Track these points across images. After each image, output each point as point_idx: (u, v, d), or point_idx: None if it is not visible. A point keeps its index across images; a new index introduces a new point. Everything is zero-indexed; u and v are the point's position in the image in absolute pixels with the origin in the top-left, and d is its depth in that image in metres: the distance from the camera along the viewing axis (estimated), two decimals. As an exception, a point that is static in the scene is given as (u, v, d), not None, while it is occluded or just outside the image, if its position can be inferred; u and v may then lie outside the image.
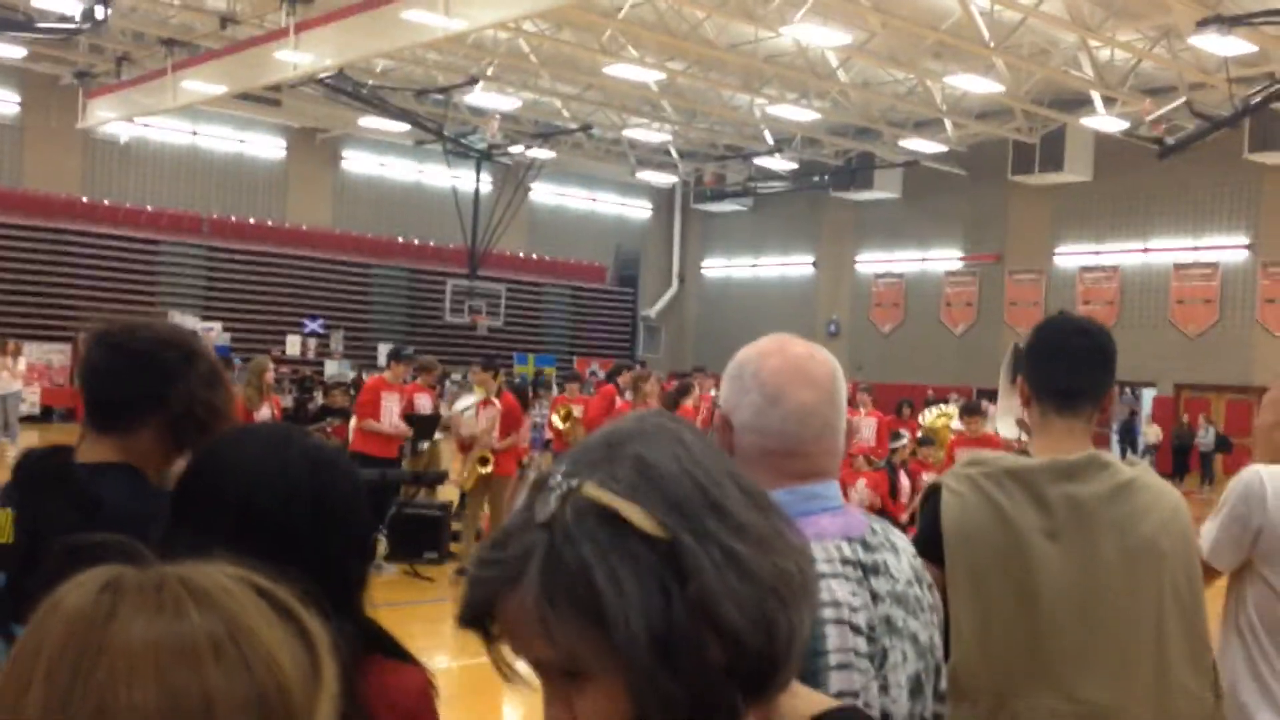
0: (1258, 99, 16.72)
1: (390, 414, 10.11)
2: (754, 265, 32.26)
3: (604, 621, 0.82)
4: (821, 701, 1.06)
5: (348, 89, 21.94)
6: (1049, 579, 2.17)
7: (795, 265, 31.31)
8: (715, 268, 33.44)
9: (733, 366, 1.60)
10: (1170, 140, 18.90)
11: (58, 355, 23.01)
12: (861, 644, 1.45)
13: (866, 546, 1.52)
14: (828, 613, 1.43)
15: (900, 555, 1.56)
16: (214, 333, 24.73)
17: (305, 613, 0.75)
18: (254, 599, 0.72)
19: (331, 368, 24.64)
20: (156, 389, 1.95)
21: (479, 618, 0.87)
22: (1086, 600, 2.17)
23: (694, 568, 0.84)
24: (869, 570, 1.50)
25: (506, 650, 0.88)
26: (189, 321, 24.46)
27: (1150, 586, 2.21)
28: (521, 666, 0.90)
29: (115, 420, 1.98)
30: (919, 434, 11.10)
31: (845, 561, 1.48)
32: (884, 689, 1.46)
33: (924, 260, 28.34)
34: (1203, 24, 15.33)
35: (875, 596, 1.49)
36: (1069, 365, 2.32)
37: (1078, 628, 2.17)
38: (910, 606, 1.52)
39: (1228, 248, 23.33)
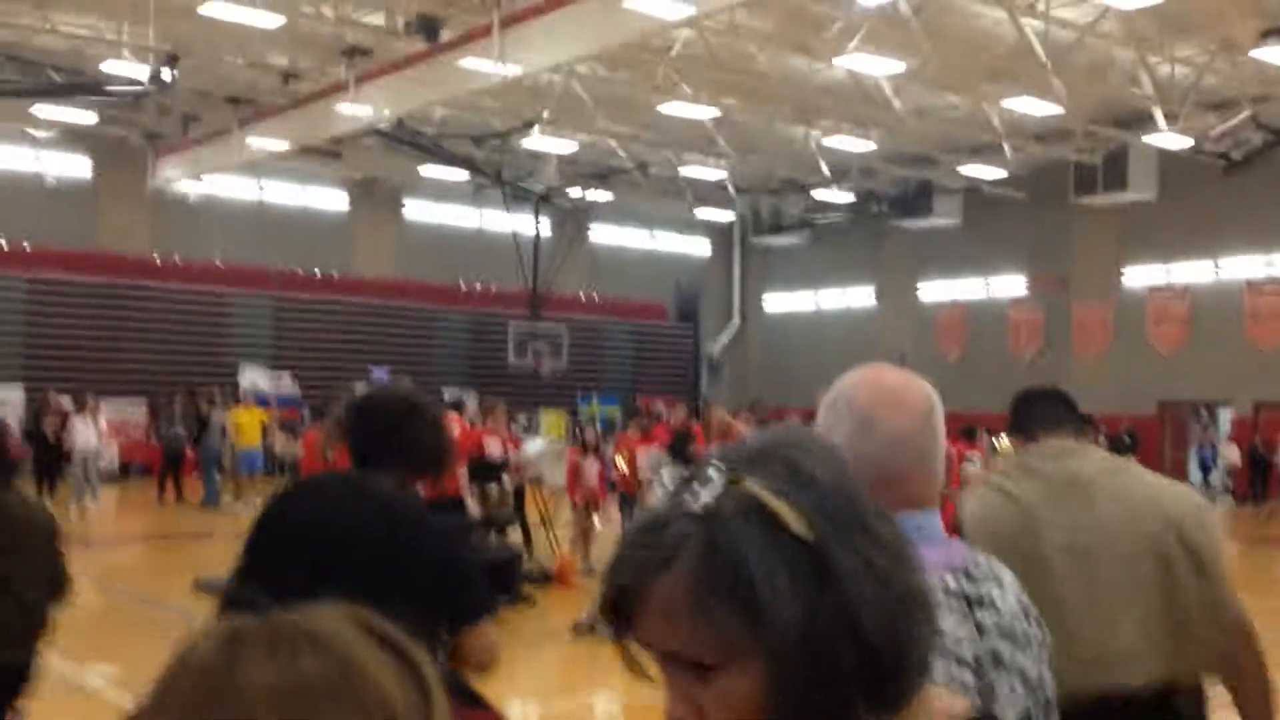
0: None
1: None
2: (815, 298, 32.12)
3: (754, 614, 0.85)
4: (962, 706, 1.09)
5: (407, 139, 22.33)
6: (1052, 538, 2.56)
7: (857, 296, 31.12)
8: (776, 302, 33.34)
9: (829, 396, 1.62)
10: (1236, 155, 18.55)
11: (135, 411, 23.48)
12: (968, 677, 1.44)
13: (970, 578, 1.51)
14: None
15: (1006, 589, 1.54)
16: (284, 382, 25.15)
17: (416, 652, 0.77)
18: (365, 640, 0.75)
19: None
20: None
21: (623, 601, 0.89)
22: (1087, 552, 2.54)
23: (838, 573, 0.87)
24: (974, 603, 1.49)
25: (635, 646, 0.91)
26: (259, 373, 24.92)
27: (1152, 538, 2.58)
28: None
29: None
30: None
31: (949, 593, 1.47)
32: None
33: (988, 287, 28.03)
34: (1266, 35, 15.07)
35: (981, 629, 1.48)
36: (1034, 402, 2.97)
37: (1079, 577, 2.46)
38: (1019, 641, 1.50)
39: (1302, 262, 22.82)
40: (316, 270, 27.16)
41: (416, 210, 29.10)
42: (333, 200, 28.04)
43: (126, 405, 23.23)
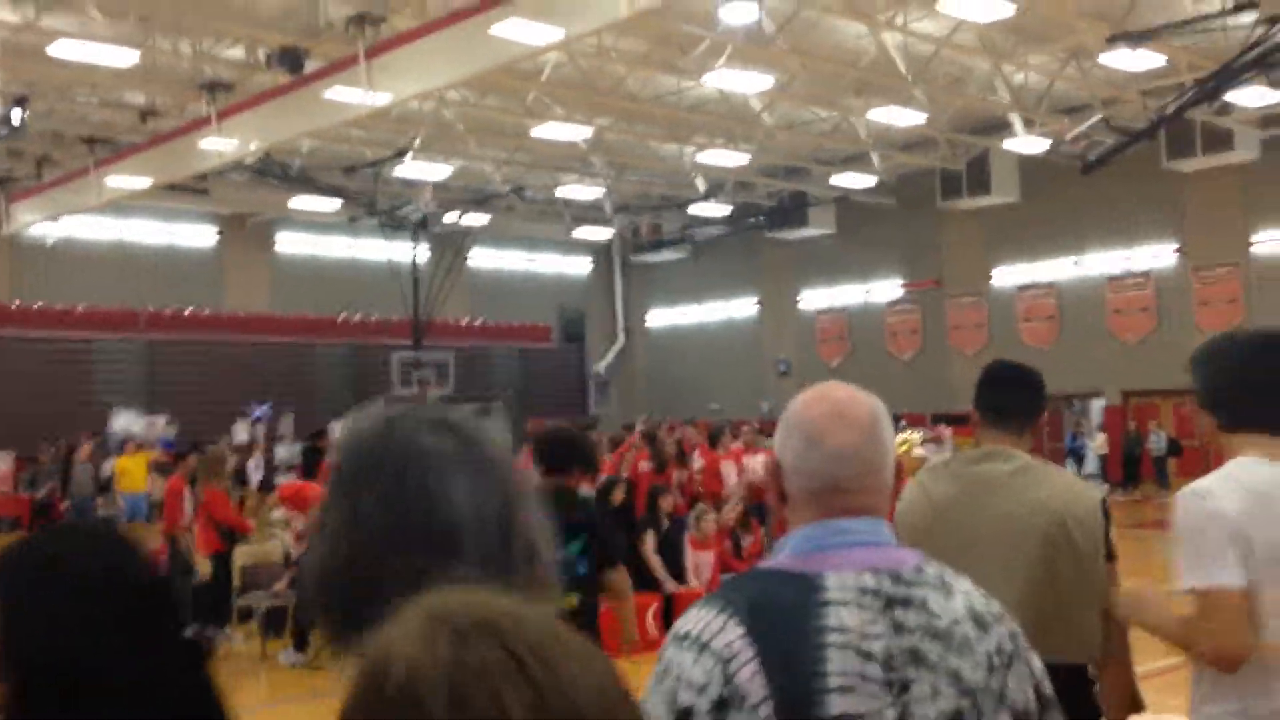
0: (1171, 109, 17.10)
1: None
2: (698, 312, 32.36)
3: None
4: None
5: (275, 171, 21.86)
6: (952, 532, 2.86)
7: (739, 308, 31.45)
8: (660, 318, 33.51)
9: (783, 414, 1.73)
10: (1091, 157, 19.27)
11: (1, 466, 22.44)
12: (873, 670, 1.51)
13: (899, 580, 1.58)
14: (832, 637, 1.51)
15: (953, 596, 1.60)
16: (159, 425, 24.31)
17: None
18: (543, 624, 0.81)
19: (282, 451, 24.27)
20: None
21: None
22: (975, 544, 2.79)
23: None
24: (896, 602, 1.56)
25: None
26: (132, 416, 24.05)
27: (1038, 531, 2.86)
28: None
29: None
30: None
31: (864, 591, 1.55)
32: (903, 718, 1.51)
33: (865, 292, 28.59)
34: (1112, 41, 15.68)
35: (900, 627, 1.54)
36: (998, 388, 3.22)
37: (965, 566, 2.47)
38: (954, 644, 1.56)
39: (1158, 255, 23.77)
40: (187, 309, 26.36)
41: (289, 243, 28.48)
42: (200, 237, 27.28)
43: (-9, 460, 22.21)
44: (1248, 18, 14.55)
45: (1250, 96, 17.92)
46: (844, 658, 1.50)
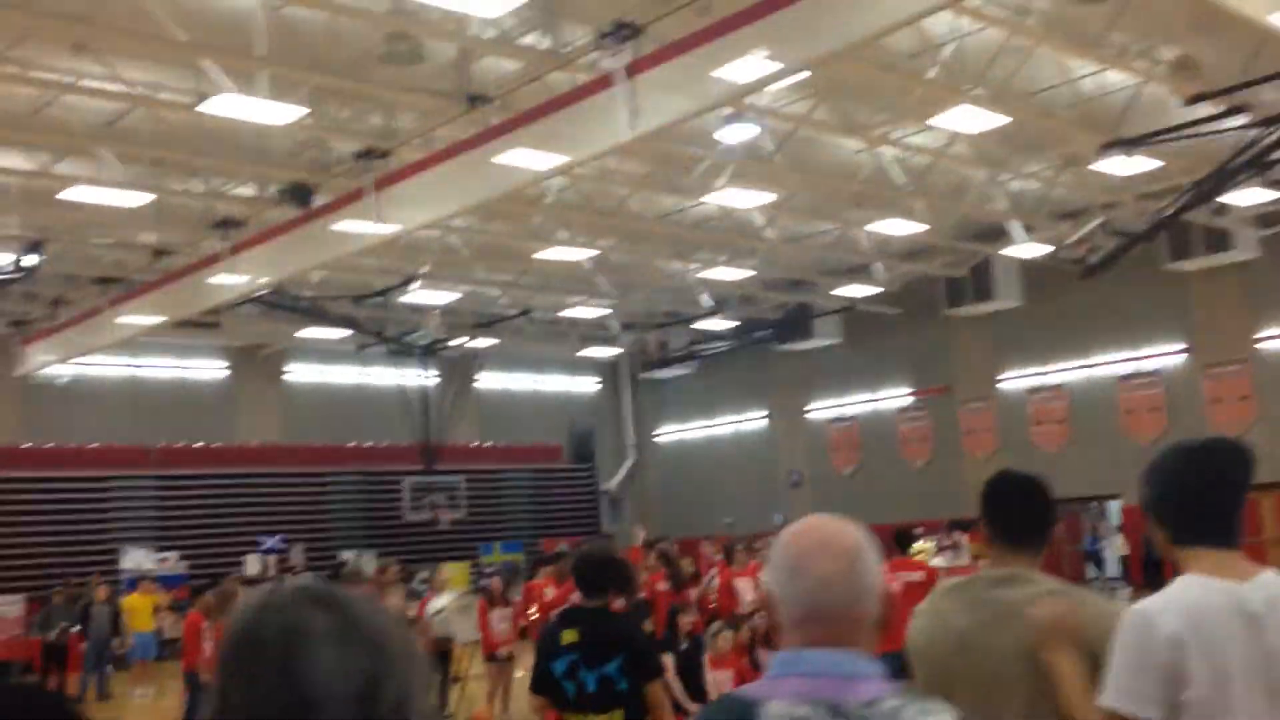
0: (1168, 212, 17.30)
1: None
2: (708, 426, 32.32)
3: None
4: None
5: (286, 304, 22.10)
6: (966, 657, 2.81)
7: (749, 421, 31.41)
8: (670, 433, 33.46)
9: (774, 545, 1.84)
10: (1093, 260, 19.44)
11: (11, 609, 22.20)
12: None
13: (837, 712, 1.62)
14: None
15: None
16: (169, 562, 24.16)
17: None
18: None
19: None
20: None
21: None
22: (996, 671, 2.77)
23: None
24: None
25: None
26: (143, 554, 23.93)
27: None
28: None
29: None
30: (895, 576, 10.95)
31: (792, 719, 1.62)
32: None
33: (875, 400, 28.58)
34: (1105, 149, 15.95)
35: None
36: (1007, 507, 3.08)
37: (984, 692, 2.71)
38: None
39: (1167, 354, 23.78)
40: (199, 443, 26.39)
41: (300, 373, 28.65)
42: (212, 370, 27.48)
43: (4, 603, 21.97)
44: (1238, 121, 14.82)
45: (1247, 197, 18.14)
46: None
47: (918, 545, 13.62)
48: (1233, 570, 2.52)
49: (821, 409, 29.76)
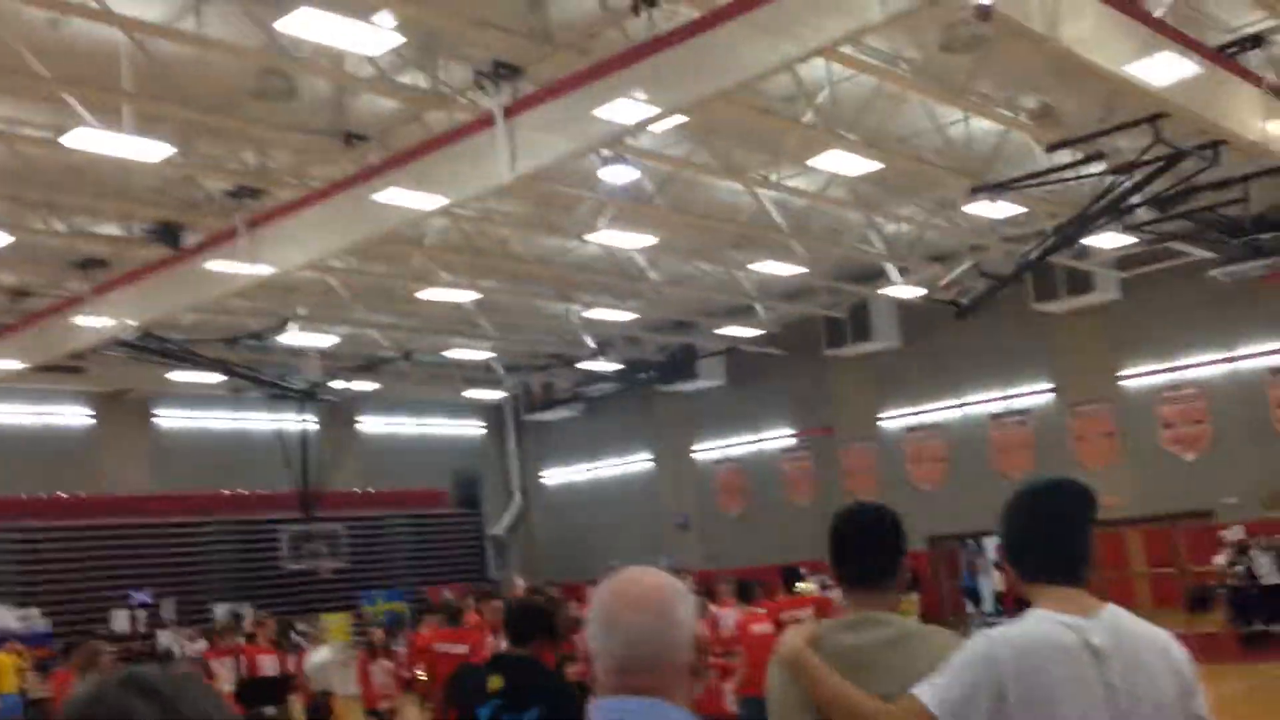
0: (1033, 255, 17.89)
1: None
2: (593, 469, 32.20)
3: None
4: None
5: (154, 347, 21.38)
6: (808, 711, 2.65)
7: (634, 463, 31.39)
8: (555, 476, 33.24)
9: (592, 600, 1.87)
10: (964, 301, 19.97)
11: None
12: None
13: None
14: None
15: None
16: (30, 619, 23.00)
17: None
18: None
19: (164, 639, 23.11)
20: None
21: None
22: None
23: None
24: None
25: None
26: (4, 611, 22.73)
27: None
28: None
29: None
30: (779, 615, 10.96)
31: None
32: None
33: (759, 441, 28.82)
34: (974, 193, 16.45)
35: None
36: (853, 547, 2.94)
37: None
38: None
39: (1035, 393, 24.51)
40: (61, 493, 25.28)
41: (170, 419, 27.72)
42: (75, 416, 26.42)
43: None
44: (1097, 167, 15.43)
45: (1107, 240, 18.87)
46: None
47: (802, 585, 13.72)
48: (1077, 606, 2.56)
49: (707, 450, 29.91)
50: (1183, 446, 22.35)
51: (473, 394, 29.96)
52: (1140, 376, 22.97)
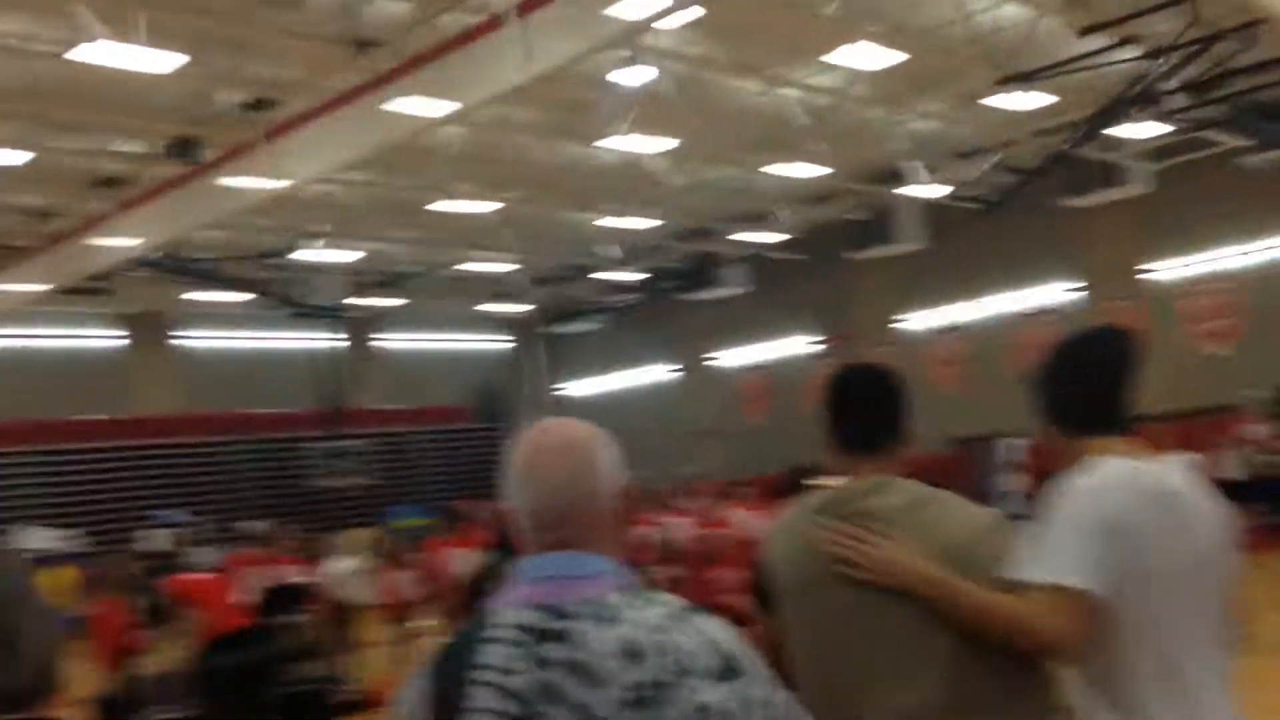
0: (1062, 148, 17.52)
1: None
2: (618, 380, 32.24)
3: None
4: None
5: (180, 267, 21.40)
6: (830, 581, 2.37)
7: (659, 373, 31.39)
8: (580, 388, 33.31)
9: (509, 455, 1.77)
10: (993, 198, 19.65)
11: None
12: (512, 707, 1.54)
13: (560, 614, 1.59)
14: (477, 674, 1.58)
15: (611, 625, 1.57)
16: (65, 540, 23.37)
17: None
18: None
19: (197, 555, 23.43)
20: None
21: None
22: (877, 610, 2.32)
23: None
24: (549, 636, 1.58)
25: None
26: (38, 533, 23.08)
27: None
28: None
29: None
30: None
31: (519, 628, 1.59)
32: None
33: (783, 348, 28.72)
34: (1001, 83, 16.06)
35: (543, 662, 1.56)
36: (853, 411, 2.61)
37: (862, 640, 2.33)
38: (595, 678, 1.53)
39: (1065, 290, 24.24)
40: (94, 415, 25.50)
41: (197, 340, 27.85)
42: (105, 340, 26.55)
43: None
44: (1129, 53, 15.01)
45: (1140, 130, 18.44)
46: (486, 695, 1.55)
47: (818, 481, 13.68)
48: (1144, 452, 2.47)
49: (731, 358, 29.84)
50: (1214, 341, 22.11)
51: (496, 308, 29.90)
52: (1173, 270, 22.65)
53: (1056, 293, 24.35)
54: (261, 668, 8.63)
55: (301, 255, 22.45)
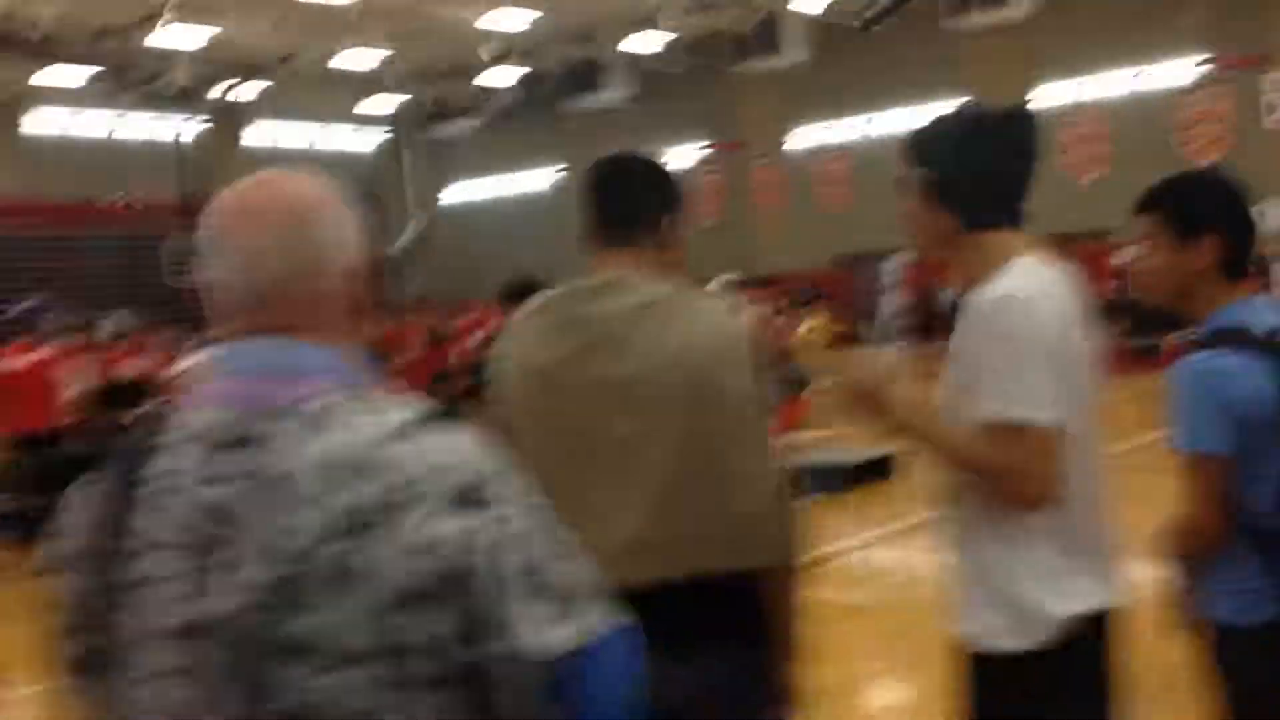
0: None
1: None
2: (496, 185, 31.41)
3: None
4: None
5: (17, 40, 19.80)
6: (550, 399, 2.15)
7: (539, 179, 30.64)
8: (456, 193, 32.40)
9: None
10: (870, 14, 19.18)
11: None
12: (172, 528, 1.24)
13: (256, 416, 1.26)
14: (143, 489, 1.26)
15: (320, 434, 1.22)
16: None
17: None
18: None
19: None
20: None
21: None
22: (590, 413, 2.12)
23: None
24: (230, 444, 1.24)
25: None
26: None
27: (676, 400, 2.09)
28: None
29: None
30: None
31: (199, 434, 1.26)
32: (201, 589, 1.20)
33: (669, 157, 28.16)
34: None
35: (219, 477, 1.23)
36: (605, 192, 2.35)
37: (582, 456, 2.12)
38: (291, 498, 1.19)
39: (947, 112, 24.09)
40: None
41: (38, 123, 26.00)
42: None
43: None
44: None
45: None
46: (147, 513, 1.25)
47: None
48: (1045, 252, 2.25)
49: (614, 168, 29.23)
50: (1085, 167, 22.33)
51: (366, 106, 28.52)
52: (1054, 94, 22.60)
53: (938, 115, 24.17)
54: (81, 465, 8.20)
55: (149, 39, 20.83)
